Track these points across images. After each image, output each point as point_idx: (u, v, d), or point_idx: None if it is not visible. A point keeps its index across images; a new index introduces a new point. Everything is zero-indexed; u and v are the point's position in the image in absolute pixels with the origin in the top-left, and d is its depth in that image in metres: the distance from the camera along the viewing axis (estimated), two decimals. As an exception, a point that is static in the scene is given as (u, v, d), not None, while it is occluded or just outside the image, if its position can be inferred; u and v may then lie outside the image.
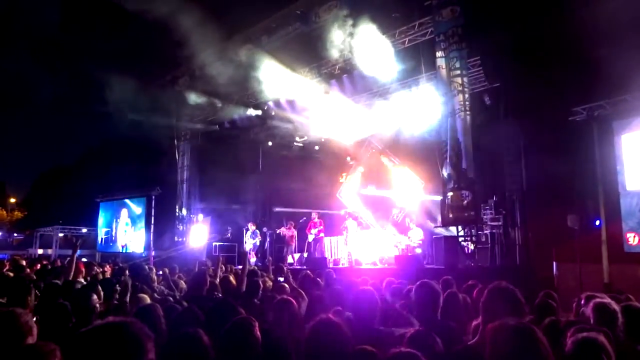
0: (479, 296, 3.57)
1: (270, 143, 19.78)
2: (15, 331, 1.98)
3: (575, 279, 10.29)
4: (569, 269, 10.75)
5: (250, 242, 16.76)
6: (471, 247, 12.27)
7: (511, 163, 13.14)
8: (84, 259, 9.52)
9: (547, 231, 11.82)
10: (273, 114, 18.26)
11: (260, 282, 5.69)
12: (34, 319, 2.24)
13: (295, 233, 16.49)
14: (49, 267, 9.67)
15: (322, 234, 15.82)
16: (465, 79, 12.30)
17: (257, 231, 17.01)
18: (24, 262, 9.65)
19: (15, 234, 37.80)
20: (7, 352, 1.72)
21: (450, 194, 12.06)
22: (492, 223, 12.96)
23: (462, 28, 12.22)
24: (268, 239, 17.15)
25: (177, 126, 20.29)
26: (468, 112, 12.09)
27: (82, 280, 6.39)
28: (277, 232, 16.84)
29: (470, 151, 11.95)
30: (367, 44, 13.92)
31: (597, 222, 11.47)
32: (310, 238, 15.71)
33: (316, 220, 15.85)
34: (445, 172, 12.25)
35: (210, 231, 19.19)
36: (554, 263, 11.43)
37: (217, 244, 18.45)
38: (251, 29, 16.09)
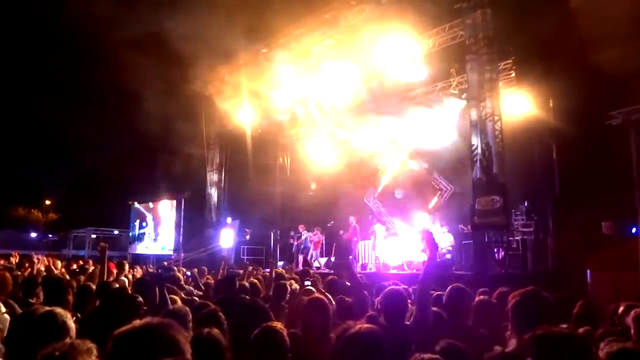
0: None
1: (297, 147, 19.85)
2: (54, 331, 2.04)
3: (610, 288, 9.96)
4: (604, 278, 10.42)
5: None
6: (502, 253, 12.06)
7: (543, 168, 12.87)
8: (124, 261, 9.72)
9: (581, 238, 11.50)
10: (301, 118, 18.33)
11: (288, 286, 5.72)
12: (73, 318, 2.29)
13: (323, 238, 16.49)
14: (85, 267, 9.92)
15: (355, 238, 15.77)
16: (496, 83, 12.12)
17: (307, 233, 16.89)
18: (59, 263, 9.90)
19: (50, 235, 38.84)
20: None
21: (480, 199, 11.87)
22: (524, 229, 12.68)
23: (493, 31, 12.06)
24: (296, 243, 17.18)
25: (206, 130, 20.56)
26: (499, 116, 11.91)
27: (120, 281, 6.52)
28: (305, 236, 16.86)
29: (501, 156, 11.76)
30: (396, 48, 13.85)
31: (634, 230, 11.11)
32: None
33: (354, 224, 15.79)
34: (475, 177, 12.08)
35: (236, 234, 19.36)
36: (588, 271, 11.11)
37: (245, 246, 18.62)
38: (280, 34, 16.18)
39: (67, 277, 6.77)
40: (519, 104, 13.69)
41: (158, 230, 23.46)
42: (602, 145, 11.53)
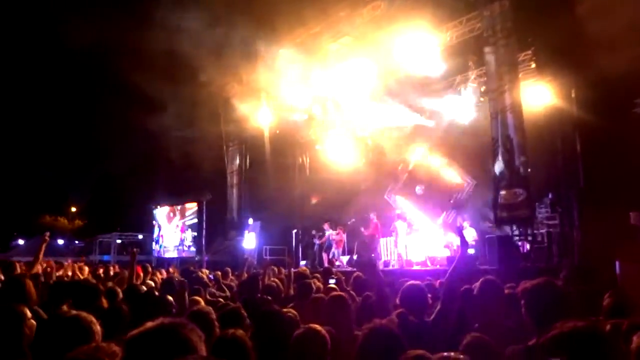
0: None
1: (316, 146, 19.82)
2: (80, 335, 2.05)
3: (640, 280, 9.72)
4: (634, 269, 10.17)
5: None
6: (527, 246, 11.87)
7: (567, 159, 12.61)
8: (147, 264, 9.93)
9: (608, 229, 11.24)
10: (319, 117, 18.32)
11: (313, 284, 5.70)
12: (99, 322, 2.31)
13: (345, 237, 16.43)
14: (111, 271, 10.08)
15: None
16: (515, 74, 11.94)
17: (331, 230, 16.69)
18: (86, 269, 10.08)
19: (76, 241, 39.59)
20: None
21: (503, 192, 11.71)
22: (548, 222, 12.46)
23: (512, 22, 11.87)
24: (317, 242, 17.15)
25: (225, 132, 20.68)
26: (519, 108, 11.72)
27: (147, 284, 6.61)
28: (328, 234, 16.79)
29: (522, 148, 11.57)
30: (413, 43, 13.74)
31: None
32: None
33: (375, 221, 15.65)
34: (497, 170, 11.92)
35: (258, 235, 19.44)
36: (617, 263, 10.85)
37: (268, 247, 18.70)
38: (296, 34, 16.18)
39: (94, 281, 6.89)
40: (540, 95, 13.43)
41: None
42: (627, 134, 11.25)
